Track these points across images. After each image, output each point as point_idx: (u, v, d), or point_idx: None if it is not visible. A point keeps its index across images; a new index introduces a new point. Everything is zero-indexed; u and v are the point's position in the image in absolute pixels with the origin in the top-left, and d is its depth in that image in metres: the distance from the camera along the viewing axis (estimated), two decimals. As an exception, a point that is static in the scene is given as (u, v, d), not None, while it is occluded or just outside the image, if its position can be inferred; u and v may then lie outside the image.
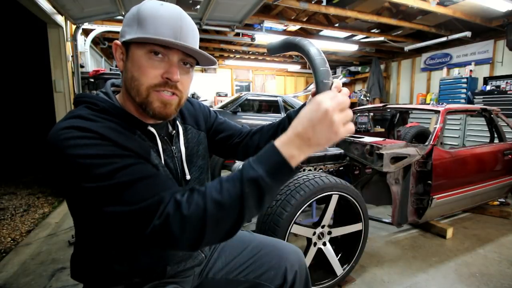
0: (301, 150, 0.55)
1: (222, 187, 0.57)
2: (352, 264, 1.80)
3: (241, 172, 0.57)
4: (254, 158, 0.57)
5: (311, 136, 0.54)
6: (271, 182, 0.55)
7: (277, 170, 0.55)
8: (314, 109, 0.54)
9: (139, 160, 0.64)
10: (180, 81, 0.69)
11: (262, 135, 0.97)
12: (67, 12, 3.09)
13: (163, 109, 0.70)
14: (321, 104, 0.54)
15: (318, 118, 0.54)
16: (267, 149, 0.57)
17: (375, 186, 2.28)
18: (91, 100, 0.69)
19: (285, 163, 0.55)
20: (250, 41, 5.20)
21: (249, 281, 0.90)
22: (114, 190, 0.58)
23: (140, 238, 0.58)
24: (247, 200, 0.55)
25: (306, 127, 0.54)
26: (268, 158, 0.56)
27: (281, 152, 0.55)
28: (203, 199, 0.56)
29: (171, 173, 0.77)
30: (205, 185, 0.60)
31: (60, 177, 0.62)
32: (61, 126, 0.61)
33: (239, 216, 0.57)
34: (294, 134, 0.55)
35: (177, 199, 0.58)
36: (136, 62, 0.67)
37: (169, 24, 0.65)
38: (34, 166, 5.04)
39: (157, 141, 0.75)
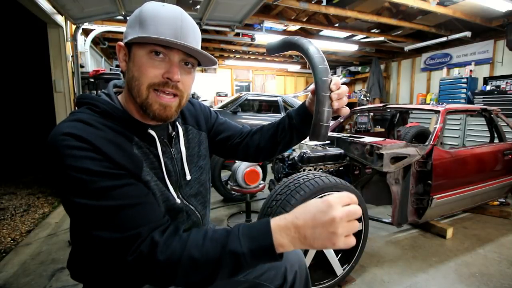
0: (293, 243, 0.54)
1: (203, 245, 0.57)
2: (352, 264, 1.80)
3: (228, 238, 0.57)
4: (246, 230, 0.57)
5: (308, 235, 0.53)
6: (251, 261, 0.55)
7: (261, 253, 0.55)
8: (322, 210, 0.53)
9: (129, 180, 0.63)
10: (181, 81, 0.69)
11: (262, 135, 0.97)
12: (67, 12, 3.09)
13: (163, 111, 0.70)
14: (331, 209, 0.52)
15: (322, 222, 0.52)
16: (261, 227, 0.56)
17: (375, 186, 2.28)
18: (92, 102, 0.69)
19: (272, 250, 0.54)
20: (250, 41, 5.21)
21: (249, 281, 0.90)
22: (97, 212, 0.59)
23: (119, 264, 0.59)
24: (223, 269, 0.56)
25: (307, 224, 0.53)
26: (258, 237, 0.55)
27: (273, 237, 0.54)
28: (181, 250, 0.57)
29: (169, 175, 0.77)
30: (190, 231, 0.60)
31: (54, 180, 0.63)
32: (61, 131, 0.61)
33: (210, 278, 0.57)
34: (293, 224, 0.54)
35: (154, 240, 0.58)
36: (137, 62, 0.67)
37: (170, 24, 0.65)
38: (34, 166, 5.04)
39: (157, 144, 0.75)
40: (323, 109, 0.70)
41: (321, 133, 0.71)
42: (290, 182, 1.67)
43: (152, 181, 0.70)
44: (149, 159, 0.73)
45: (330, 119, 0.71)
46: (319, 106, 0.70)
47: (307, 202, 0.56)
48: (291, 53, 7.45)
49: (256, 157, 1.00)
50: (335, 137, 2.39)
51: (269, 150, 0.98)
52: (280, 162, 2.33)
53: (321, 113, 0.70)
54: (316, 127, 0.71)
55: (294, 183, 1.64)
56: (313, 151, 2.16)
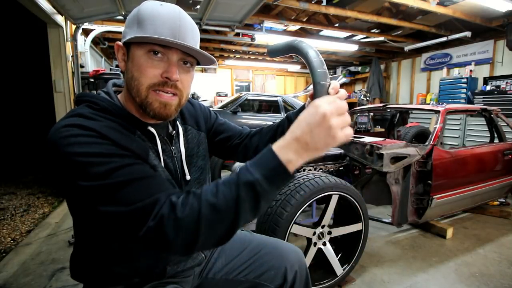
0: (299, 154, 0.55)
1: (218, 190, 0.56)
2: (352, 264, 1.80)
3: (238, 175, 0.56)
4: (252, 162, 0.57)
5: (309, 141, 0.54)
6: (267, 187, 0.54)
7: (274, 175, 0.55)
8: (312, 112, 0.54)
9: (137, 160, 0.64)
10: (180, 80, 0.69)
11: (262, 137, 0.97)
12: (67, 12, 3.09)
13: (163, 109, 0.70)
14: (319, 108, 0.54)
15: (316, 122, 0.53)
16: (265, 153, 0.56)
17: (375, 186, 2.28)
18: (92, 99, 0.70)
19: (282, 168, 0.54)
20: (250, 41, 5.20)
21: (249, 281, 0.90)
22: (110, 190, 0.58)
23: (135, 239, 0.58)
24: (243, 204, 0.55)
25: (304, 131, 0.54)
26: (265, 162, 0.55)
27: (279, 156, 0.54)
28: (198, 201, 0.56)
29: (170, 173, 0.77)
30: (202, 187, 0.60)
31: (59, 175, 0.62)
32: (61, 124, 0.61)
33: (234, 219, 0.56)
34: (292, 138, 0.55)
35: (172, 201, 0.57)
36: (136, 62, 0.67)
37: (168, 24, 0.66)
38: (34, 166, 5.04)
39: (157, 141, 0.75)
40: None
41: None
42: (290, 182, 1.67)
43: (159, 167, 0.71)
44: (152, 151, 0.73)
45: None
46: None
47: (306, 114, 0.56)
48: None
49: None
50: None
51: None
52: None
53: None
54: None
55: (294, 183, 1.64)
56: None
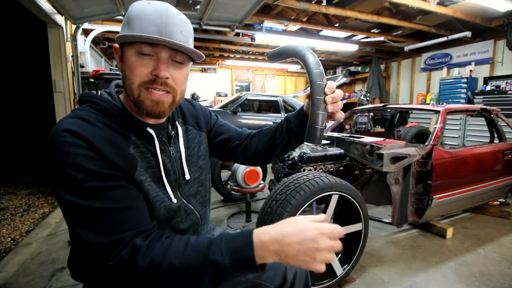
0: (273, 257, 0.56)
1: (185, 253, 0.58)
2: (352, 264, 1.80)
3: (209, 248, 0.57)
4: (227, 241, 0.58)
5: (290, 255, 0.55)
6: (232, 272, 0.56)
7: (242, 265, 0.56)
8: (310, 237, 0.55)
9: (121, 182, 0.64)
10: (171, 77, 0.70)
11: (261, 138, 0.98)
12: (67, 12, 3.09)
13: (155, 107, 0.70)
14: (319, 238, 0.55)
15: (308, 248, 0.54)
16: (243, 239, 0.57)
17: (375, 186, 2.28)
18: (93, 100, 0.71)
19: (253, 262, 0.55)
20: (250, 41, 5.20)
21: (248, 281, 0.90)
22: (84, 213, 0.59)
23: (101, 267, 0.59)
24: (204, 277, 0.57)
25: (291, 245, 0.55)
26: (240, 250, 0.56)
27: (255, 250, 0.55)
28: (162, 257, 0.57)
29: (168, 174, 0.77)
30: (172, 239, 0.61)
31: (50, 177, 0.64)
32: (60, 128, 0.62)
33: (194, 285, 0.58)
34: (278, 242, 0.55)
35: (136, 245, 0.58)
36: (127, 62, 0.69)
37: (154, 21, 0.66)
38: (34, 166, 5.04)
39: (155, 142, 0.75)
40: (317, 112, 0.71)
41: (316, 136, 0.72)
42: (290, 182, 1.67)
43: (146, 181, 0.71)
44: (146, 158, 0.73)
45: (325, 122, 0.73)
46: (314, 109, 0.72)
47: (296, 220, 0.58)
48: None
49: (254, 160, 1.01)
50: (335, 137, 2.40)
51: (267, 154, 0.98)
52: (280, 162, 2.33)
53: (315, 116, 0.72)
54: (311, 129, 0.72)
55: (294, 183, 1.64)
56: (313, 151, 2.16)
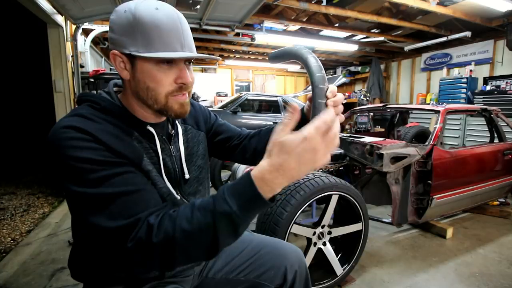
0: (281, 185, 0.53)
1: (193, 216, 0.57)
2: (352, 264, 1.80)
3: (214, 203, 0.56)
4: (229, 189, 0.56)
5: (294, 174, 0.52)
6: (244, 216, 0.54)
7: (251, 205, 0.54)
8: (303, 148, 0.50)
9: (129, 168, 0.64)
10: None
11: (260, 138, 0.97)
12: (67, 12, 3.09)
13: (183, 109, 0.73)
14: (312, 143, 0.50)
15: (307, 158, 0.50)
16: (243, 181, 0.54)
17: (375, 186, 2.28)
18: (93, 99, 0.71)
19: (260, 198, 0.53)
20: (250, 41, 5.20)
21: (249, 280, 0.90)
22: (97, 200, 0.59)
23: (118, 253, 0.59)
24: (221, 232, 0.55)
25: (291, 165, 0.51)
26: (243, 192, 0.54)
27: (257, 186, 0.52)
28: (173, 227, 0.57)
29: (168, 172, 0.78)
30: (178, 209, 0.60)
31: (57, 175, 0.64)
32: (61, 125, 0.62)
33: (213, 245, 0.57)
34: (278, 170, 0.51)
35: (150, 223, 0.58)
36: (148, 74, 0.68)
37: (173, 32, 0.66)
38: (34, 166, 5.04)
39: (156, 141, 0.76)
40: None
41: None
42: (290, 182, 1.67)
43: (153, 171, 0.72)
44: (149, 154, 0.74)
45: None
46: (316, 112, 0.72)
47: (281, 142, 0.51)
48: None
49: (253, 161, 1.00)
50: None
51: None
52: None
53: None
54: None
55: (294, 183, 1.64)
56: None
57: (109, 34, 0.70)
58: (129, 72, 0.70)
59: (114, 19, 0.67)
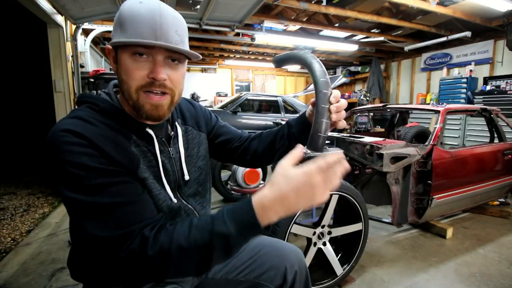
0: (278, 215, 0.56)
1: (190, 233, 0.58)
2: (352, 264, 1.80)
3: (212, 223, 0.58)
4: (229, 212, 0.58)
5: (292, 206, 0.55)
6: (239, 240, 0.57)
7: (248, 230, 0.57)
8: (302, 182, 0.53)
9: (125, 178, 0.64)
10: (168, 78, 0.69)
11: (261, 142, 0.98)
12: (67, 12, 3.09)
13: (155, 111, 0.70)
14: (310, 179, 0.53)
15: (305, 192, 0.54)
16: (244, 207, 0.57)
17: (375, 186, 2.28)
18: (92, 101, 0.71)
19: (257, 225, 0.56)
20: (250, 41, 5.20)
21: (249, 281, 0.90)
22: (91, 209, 0.60)
23: (111, 262, 0.60)
24: (215, 252, 0.57)
25: (289, 196, 0.54)
26: (242, 217, 0.57)
27: (257, 215, 0.55)
28: (169, 242, 0.58)
29: (167, 174, 0.77)
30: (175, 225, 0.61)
31: (53, 177, 0.64)
32: (60, 128, 0.62)
33: (205, 264, 0.59)
34: (276, 200, 0.54)
35: (144, 236, 0.59)
36: (123, 65, 0.68)
37: (148, 23, 0.64)
38: (34, 166, 5.04)
39: (154, 142, 0.75)
40: (321, 120, 0.71)
41: (319, 144, 0.72)
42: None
43: (149, 179, 0.71)
44: (147, 157, 0.73)
45: (328, 131, 0.73)
46: (318, 117, 0.72)
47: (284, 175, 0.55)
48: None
49: (253, 163, 1.01)
50: (335, 137, 2.39)
51: (267, 157, 0.98)
52: (280, 162, 2.33)
53: (319, 124, 0.72)
54: (314, 137, 0.72)
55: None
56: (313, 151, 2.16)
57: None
58: (115, 66, 0.71)
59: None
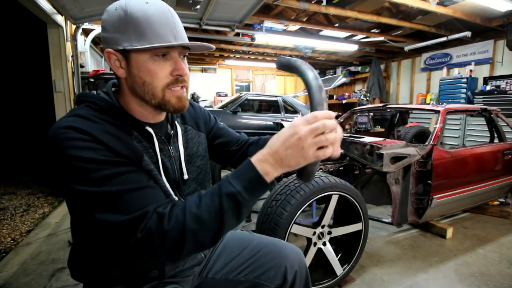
0: (274, 168, 0.60)
1: (201, 201, 0.61)
2: (352, 264, 1.80)
3: (220, 187, 0.61)
4: (232, 174, 0.61)
5: (283, 157, 0.58)
6: (248, 197, 0.60)
7: (253, 186, 0.60)
8: (288, 133, 0.58)
9: (131, 167, 0.65)
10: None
11: (257, 148, 0.97)
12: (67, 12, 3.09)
13: (180, 103, 0.74)
14: (296, 129, 0.57)
15: (291, 143, 0.57)
16: (244, 166, 0.61)
17: (375, 186, 2.28)
18: (91, 99, 0.71)
19: (260, 179, 0.59)
20: (250, 41, 5.20)
21: (249, 281, 0.90)
22: (102, 198, 0.60)
23: (125, 248, 0.60)
24: (226, 213, 0.60)
25: (279, 149, 0.58)
26: (245, 174, 0.60)
27: (257, 168, 0.59)
28: (183, 213, 0.60)
29: (167, 172, 0.78)
30: (186, 198, 0.63)
31: (56, 175, 0.64)
32: (60, 125, 0.62)
33: (218, 228, 0.61)
34: (269, 153, 0.59)
35: (159, 213, 0.60)
36: (143, 68, 0.68)
37: (164, 24, 0.67)
38: (34, 166, 5.04)
39: (154, 141, 0.76)
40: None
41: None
42: (290, 182, 1.67)
43: (153, 171, 0.72)
44: (149, 153, 0.74)
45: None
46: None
47: (281, 131, 0.60)
48: (291, 53, 7.46)
49: None
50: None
51: None
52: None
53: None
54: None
55: (294, 183, 1.64)
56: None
57: (102, 34, 0.70)
58: (124, 70, 0.70)
59: (106, 18, 0.69)
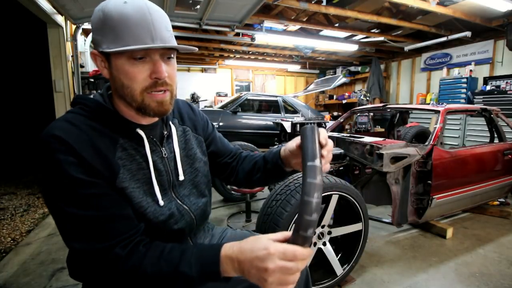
0: (235, 272, 0.61)
1: (158, 262, 0.63)
2: (352, 264, 1.80)
3: (180, 259, 0.62)
4: (198, 254, 0.63)
5: (245, 271, 0.59)
6: (200, 283, 0.62)
7: (208, 277, 0.62)
8: (261, 256, 0.56)
9: (103, 190, 0.65)
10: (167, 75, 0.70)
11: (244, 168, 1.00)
12: (67, 12, 3.09)
13: (161, 107, 0.72)
14: (267, 258, 0.55)
15: (258, 266, 0.56)
16: (212, 254, 0.62)
17: (375, 186, 2.28)
18: (83, 102, 0.72)
19: (218, 275, 0.61)
20: (250, 41, 5.20)
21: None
22: (67, 217, 0.63)
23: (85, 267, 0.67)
24: (175, 286, 0.63)
25: (245, 262, 0.58)
26: (207, 263, 0.61)
27: (220, 266, 0.60)
28: (139, 265, 0.63)
29: (160, 174, 0.77)
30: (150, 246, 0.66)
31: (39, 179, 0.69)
32: (49, 133, 0.63)
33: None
34: (237, 259, 0.59)
35: (117, 255, 0.63)
36: (121, 70, 0.67)
37: (141, 24, 0.64)
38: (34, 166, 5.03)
39: (145, 143, 0.75)
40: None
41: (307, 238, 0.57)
42: (290, 182, 1.67)
43: (130, 188, 0.70)
44: (136, 161, 0.73)
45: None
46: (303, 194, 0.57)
47: (257, 238, 0.60)
48: (291, 52, 7.46)
49: (237, 184, 1.06)
50: (335, 137, 2.39)
51: (248, 184, 1.01)
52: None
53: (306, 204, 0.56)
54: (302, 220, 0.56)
55: (294, 183, 1.64)
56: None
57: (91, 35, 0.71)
58: (108, 71, 0.70)
59: (91, 19, 0.69)
